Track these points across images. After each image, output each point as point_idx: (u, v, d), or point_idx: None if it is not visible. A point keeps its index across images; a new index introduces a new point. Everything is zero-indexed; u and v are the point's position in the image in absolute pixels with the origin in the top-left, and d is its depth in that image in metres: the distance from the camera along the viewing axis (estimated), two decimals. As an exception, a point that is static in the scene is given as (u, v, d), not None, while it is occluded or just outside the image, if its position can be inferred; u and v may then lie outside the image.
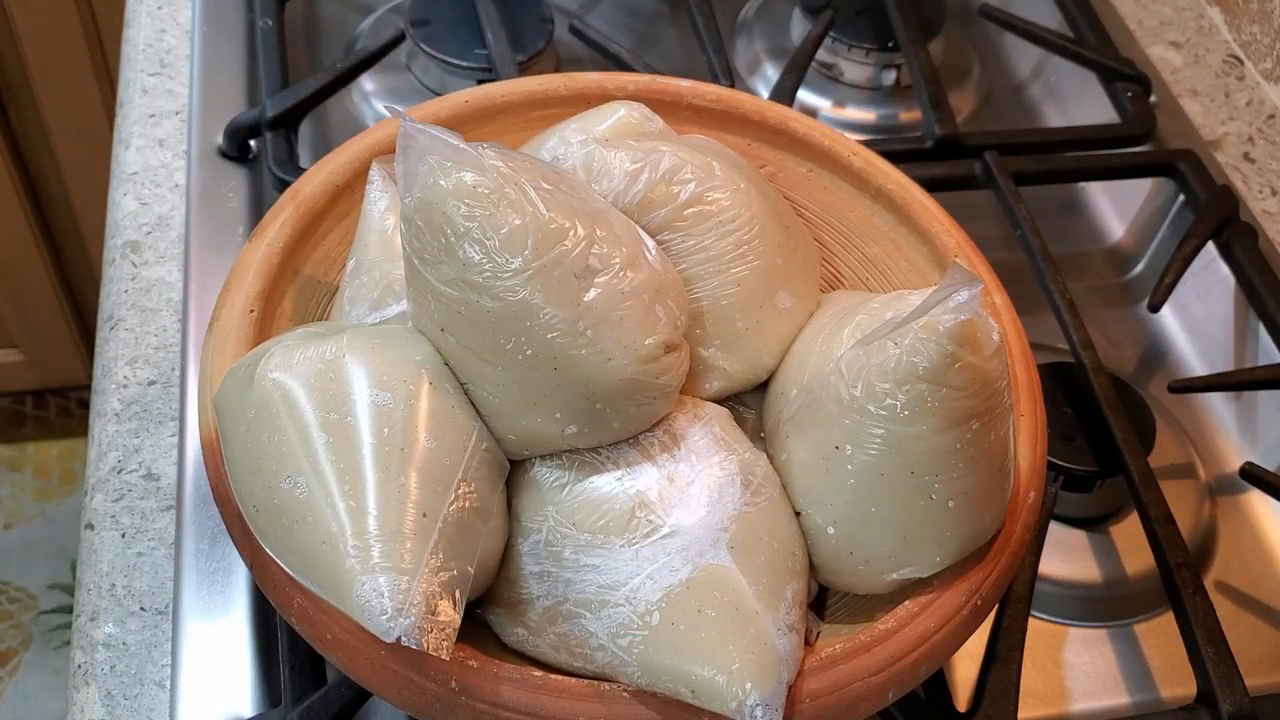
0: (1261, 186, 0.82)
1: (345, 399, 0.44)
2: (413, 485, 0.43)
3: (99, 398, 0.66)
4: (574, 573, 0.46)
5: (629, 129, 0.58)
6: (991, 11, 0.88)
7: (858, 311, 0.51)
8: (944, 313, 0.43)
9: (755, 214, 0.53)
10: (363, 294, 0.53)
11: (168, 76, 0.81)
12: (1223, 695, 0.55)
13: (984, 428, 0.45)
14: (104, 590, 0.58)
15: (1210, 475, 0.69)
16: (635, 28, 0.92)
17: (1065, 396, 0.66)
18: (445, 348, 0.47)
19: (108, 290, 0.70)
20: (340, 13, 0.90)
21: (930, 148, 0.77)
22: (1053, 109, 0.91)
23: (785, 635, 0.44)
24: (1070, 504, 0.65)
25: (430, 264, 0.45)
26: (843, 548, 0.48)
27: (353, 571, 0.41)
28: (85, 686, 0.56)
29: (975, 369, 0.44)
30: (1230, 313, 0.75)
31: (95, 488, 0.62)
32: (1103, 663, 0.61)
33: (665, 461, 0.47)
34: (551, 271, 0.44)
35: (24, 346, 1.65)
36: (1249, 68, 0.89)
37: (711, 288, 0.52)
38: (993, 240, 0.60)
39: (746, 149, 0.62)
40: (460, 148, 0.44)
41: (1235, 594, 0.64)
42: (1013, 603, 0.57)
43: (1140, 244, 0.82)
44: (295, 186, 0.57)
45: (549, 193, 0.45)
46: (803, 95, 0.85)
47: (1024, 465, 0.51)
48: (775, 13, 0.92)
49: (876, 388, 0.45)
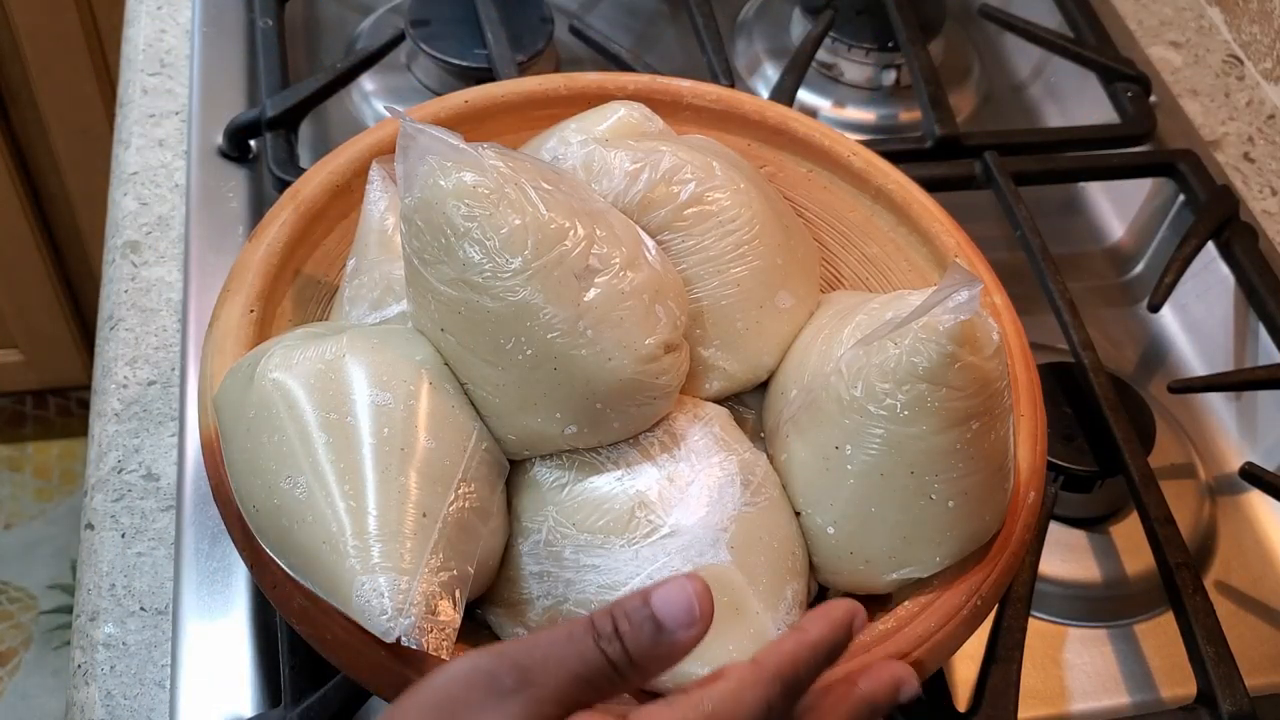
0: (1261, 186, 0.82)
1: (345, 399, 0.44)
2: (413, 485, 0.43)
3: (99, 398, 0.66)
4: (574, 573, 0.46)
5: (629, 129, 0.58)
6: (991, 11, 0.88)
7: (858, 311, 0.51)
8: (944, 313, 0.43)
9: (755, 214, 0.53)
10: (363, 294, 0.53)
11: (168, 76, 0.81)
12: (1223, 695, 0.55)
13: (984, 428, 0.45)
14: (104, 590, 0.58)
15: (1210, 475, 0.69)
16: (635, 28, 0.91)
17: (1065, 396, 0.66)
18: (445, 348, 0.47)
19: (108, 290, 0.70)
20: (340, 13, 0.90)
21: (930, 148, 0.77)
22: (1053, 109, 0.90)
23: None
24: (1070, 504, 0.65)
25: (430, 264, 0.45)
26: (843, 548, 0.48)
27: (353, 571, 0.41)
28: (85, 686, 0.56)
29: (975, 369, 0.44)
30: (1230, 313, 0.75)
31: (95, 488, 0.62)
32: (1103, 663, 0.61)
33: (665, 461, 0.47)
34: (551, 271, 0.44)
35: (24, 346, 1.64)
36: (1249, 68, 0.89)
37: (711, 288, 0.52)
38: (993, 240, 0.60)
39: (746, 149, 0.62)
40: (460, 148, 0.44)
41: (1235, 594, 0.64)
42: (1013, 603, 0.57)
43: (1140, 244, 0.82)
44: (295, 186, 0.57)
45: (549, 193, 0.45)
46: (803, 95, 0.85)
47: (1024, 465, 0.50)
48: (775, 13, 0.92)
49: (876, 388, 0.45)
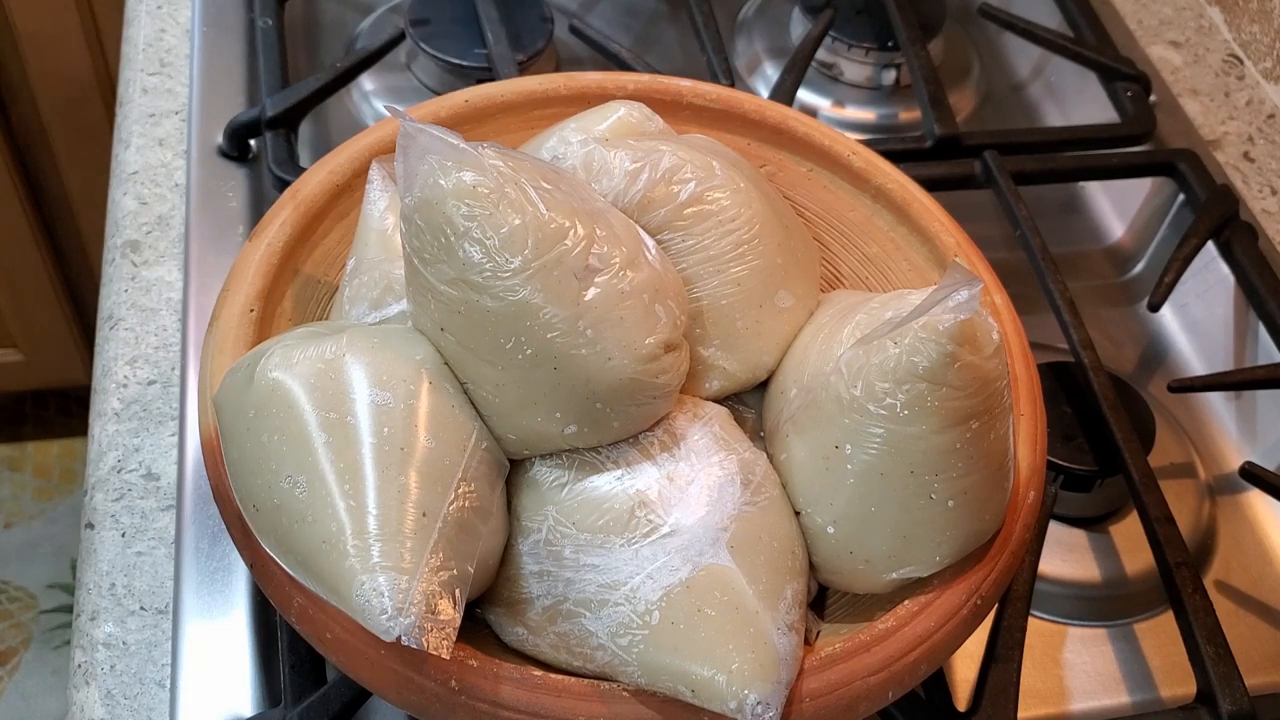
0: (1261, 186, 0.82)
1: (345, 398, 0.44)
2: (412, 485, 0.42)
3: (99, 397, 0.66)
4: (574, 572, 0.46)
5: (629, 128, 0.57)
6: (991, 11, 0.88)
7: (858, 311, 0.51)
8: (944, 312, 0.43)
9: (755, 213, 0.53)
10: (362, 293, 0.53)
11: (168, 76, 0.81)
12: (1222, 695, 0.55)
13: (984, 427, 0.45)
14: (104, 590, 0.58)
15: (1210, 475, 0.69)
16: (635, 27, 0.91)
17: (1065, 396, 0.66)
18: (445, 347, 0.47)
19: (107, 290, 0.70)
20: (340, 12, 0.90)
21: (930, 147, 0.77)
22: (1052, 108, 0.90)
23: (785, 635, 0.44)
24: (1070, 503, 0.65)
25: (430, 263, 0.45)
26: (842, 547, 0.48)
27: (353, 571, 0.41)
28: (85, 686, 0.56)
29: (975, 368, 0.44)
30: (1230, 312, 0.75)
31: (95, 487, 0.62)
32: (1102, 662, 0.61)
33: (665, 461, 0.47)
34: (551, 271, 0.44)
35: (24, 346, 1.64)
36: (1249, 67, 0.89)
37: (711, 287, 0.52)
38: (992, 240, 0.61)
39: (746, 149, 0.61)
40: (460, 147, 0.44)
41: (1235, 593, 0.64)
42: (1013, 602, 0.57)
43: (1140, 243, 0.82)
44: (295, 186, 0.57)
45: (549, 192, 0.45)
46: (802, 95, 0.85)
47: (1024, 465, 0.50)
48: (775, 12, 0.92)
49: (876, 387, 0.44)
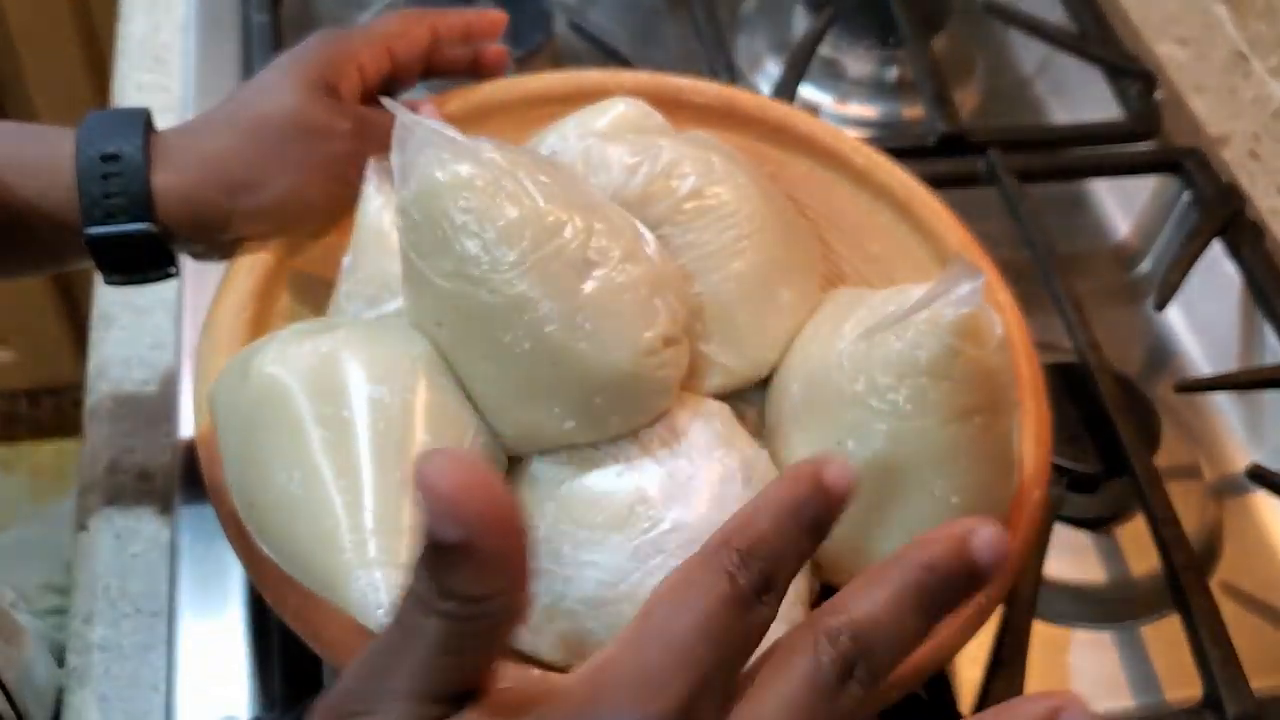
0: (1268, 184, 0.81)
1: (341, 394, 0.44)
2: (409, 480, 0.42)
3: (93, 397, 0.66)
4: (573, 570, 0.45)
5: (628, 125, 0.57)
6: (996, 7, 0.88)
7: (860, 307, 0.50)
8: (946, 306, 0.43)
9: (755, 209, 0.53)
10: (359, 290, 0.53)
11: (162, 73, 0.80)
12: (1228, 697, 0.54)
13: (987, 423, 0.45)
14: (98, 592, 0.58)
15: (1216, 476, 0.69)
16: (635, 23, 0.91)
17: (1070, 396, 0.66)
18: (442, 342, 0.46)
19: (101, 289, 0.70)
20: (336, 8, 0.89)
21: (933, 145, 0.77)
22: (1057, 105, 0.90)
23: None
24: (1075, 505, 0.64)
25: (427, 257, 0.45)
26: (844, 545, 0.47)
27: (349, 565, 0.41)
28: (80, 689, 0.55)
29: (977, 362, 0.43)
30: (1236, 311, 0.75)
31: (89, 488, 0.62)
32: (1108, 665, 0.60)
33: (665, 457, 0.47)
34: (549, 264, 0.44)
35: (18, 346, 1.64)
36: (1255, 64, 0.88)
37: (711, 283, 0.51)
38: (996, 238, 0.60)
39: (747, 146, 0.61)
40: (457, 140, 0.44)
41: (1241, 596, 0.64)
42: (1017, 605, 0.56)
43: (1145, 242, 0.82)
44: (291, 182, 0.57)
45: (547, 185, 0.45)
46: (805, 92, 0.84)
47: (1029, 464, 0.50)
48: (777, 8, 0.92)
49: (878, 382, 0.44)
